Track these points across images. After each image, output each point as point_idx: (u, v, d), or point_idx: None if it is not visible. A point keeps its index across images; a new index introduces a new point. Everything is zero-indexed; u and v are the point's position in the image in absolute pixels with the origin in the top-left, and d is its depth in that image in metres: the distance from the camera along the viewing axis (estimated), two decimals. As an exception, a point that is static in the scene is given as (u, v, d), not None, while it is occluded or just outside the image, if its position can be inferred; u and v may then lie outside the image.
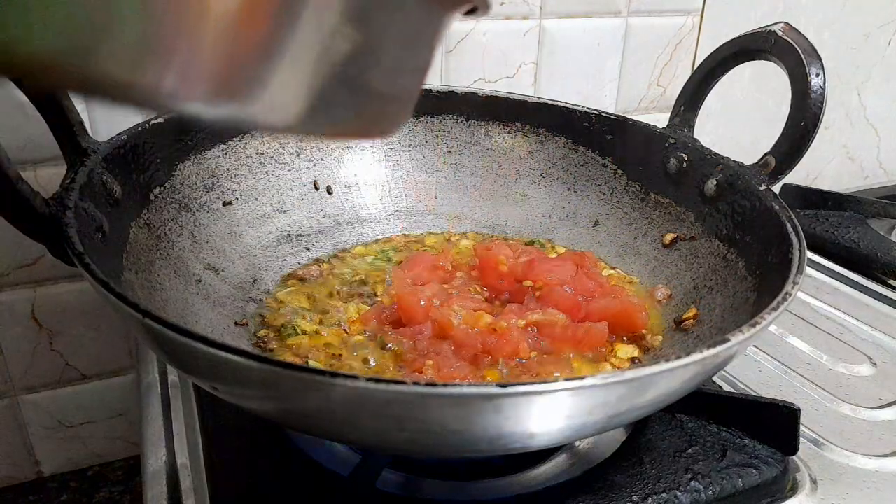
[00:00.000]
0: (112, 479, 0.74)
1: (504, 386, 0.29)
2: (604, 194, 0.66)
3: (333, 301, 0.56)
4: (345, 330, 0.52)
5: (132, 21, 0.16)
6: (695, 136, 0.61)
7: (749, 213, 0.53)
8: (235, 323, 0.53)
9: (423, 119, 0.69)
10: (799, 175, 1.03)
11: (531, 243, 0.66)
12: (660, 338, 0.53)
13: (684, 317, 0.53)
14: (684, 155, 0.60)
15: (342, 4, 0.20)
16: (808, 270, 0.77)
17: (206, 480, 0.44)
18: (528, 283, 0.56)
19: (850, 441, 0.51)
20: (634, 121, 0.65)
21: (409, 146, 0.69)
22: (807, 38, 0.52)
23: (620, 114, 0.67)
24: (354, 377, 0.29)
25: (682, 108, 0.62)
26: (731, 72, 0.59)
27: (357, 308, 0.55)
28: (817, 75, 0.51)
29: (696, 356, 0.33)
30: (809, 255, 0.57)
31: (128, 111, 0.34)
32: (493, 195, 0.70)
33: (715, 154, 0.58)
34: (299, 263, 0.61)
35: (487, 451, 0.36)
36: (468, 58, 0.77)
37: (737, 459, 0.47)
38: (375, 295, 0.57)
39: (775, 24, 0.53)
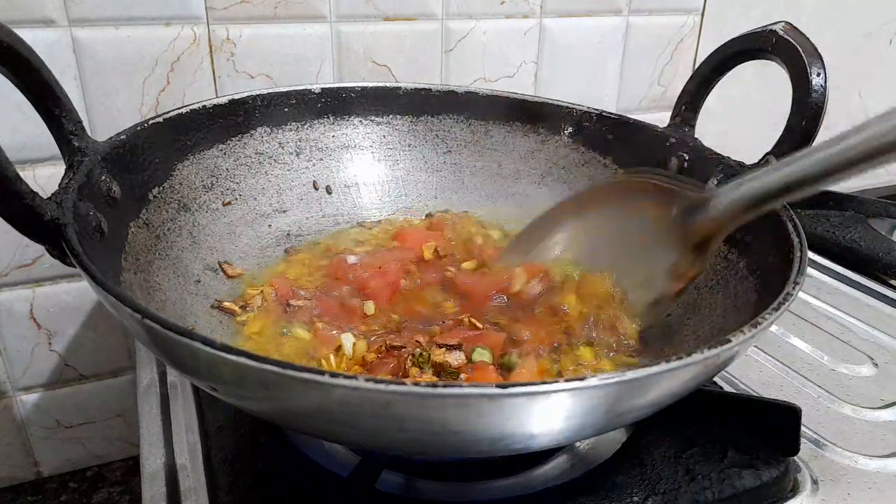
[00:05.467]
0: (111, 480, 0.74)
1: (504, 386, 0.29)
2: (604, 194, 0.66)
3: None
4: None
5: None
6: (695, 135, 0.61)
7: (750, 212, 0.52)
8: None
9: (423, 119, 0.69)
10: (799, 175, 1.03)
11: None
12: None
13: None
14: (685, 154, 0.60)
15: None
16: (810, 270, 0.77)
17: (205, 481, 0.44)
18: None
19: (852, 442, 0.51)
20: (635, 120, 0.65)
21: (409, 146, 0.69)
22: (808, 38, 0.52)
23: (621, 113, 0.67)
24: (354, 377, 0.28)
25: (683, 108, 0.62)
26: (732, 71, 0.59)
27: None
28: (818, 75, 0.51)
29: (696, 356, 0.33)
30: (810, 255, 0.56)
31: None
32: (493, 195, 0.69)
33: (716, 154, 0.58)
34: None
35: (488, 451, 0.36)
36: (468, 57, 0.77)
37: (737, 460, 0.47)
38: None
39: (776, 23, 0.53)
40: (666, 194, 0.52)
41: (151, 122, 0.52)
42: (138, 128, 0.50)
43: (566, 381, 0.30)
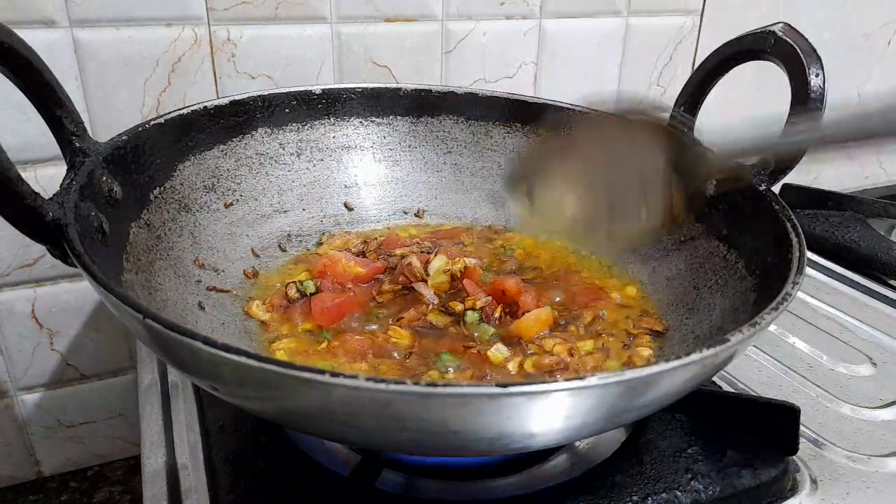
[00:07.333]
0: (112, 479, 0.74)
1: (504, 386, 0.29)
2: (604, 194, 0.66)
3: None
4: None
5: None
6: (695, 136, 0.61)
7: (749, 213, 0.52)
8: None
9: (423, 119, 0.69)
10: (799, 175, 1.03)
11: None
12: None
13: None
14: (684, 155, 0.60)
15: None
16: (808, 270, 0.77)
17: (206, 480, 0.44)
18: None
19: (851, 441, 0.51)
20: (634, 121, 0.65)
21: (409, 146, 0.69)
22: (806, 39, 0.52)
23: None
24: (354, 377, 0.29)
25: (683, 109, 0.62)
26: (732, 71, 0.59)
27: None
28: (817, 75, 0.51)
29: (695, 356, 0.33)
30: (809, 255, 0.56)
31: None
32: (493, 195, 0.70)
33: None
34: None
35: (487, 451, 0.36)
36: (468, 58, 0.77)
37: (737, 459, 0.47)
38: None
39: (775, 24, 0.53)
40: (666, 137, 0.55)
41: (152, 122, 0.52)
42: (139, 128, 0.51)
43: (565, 380, 0.30)
